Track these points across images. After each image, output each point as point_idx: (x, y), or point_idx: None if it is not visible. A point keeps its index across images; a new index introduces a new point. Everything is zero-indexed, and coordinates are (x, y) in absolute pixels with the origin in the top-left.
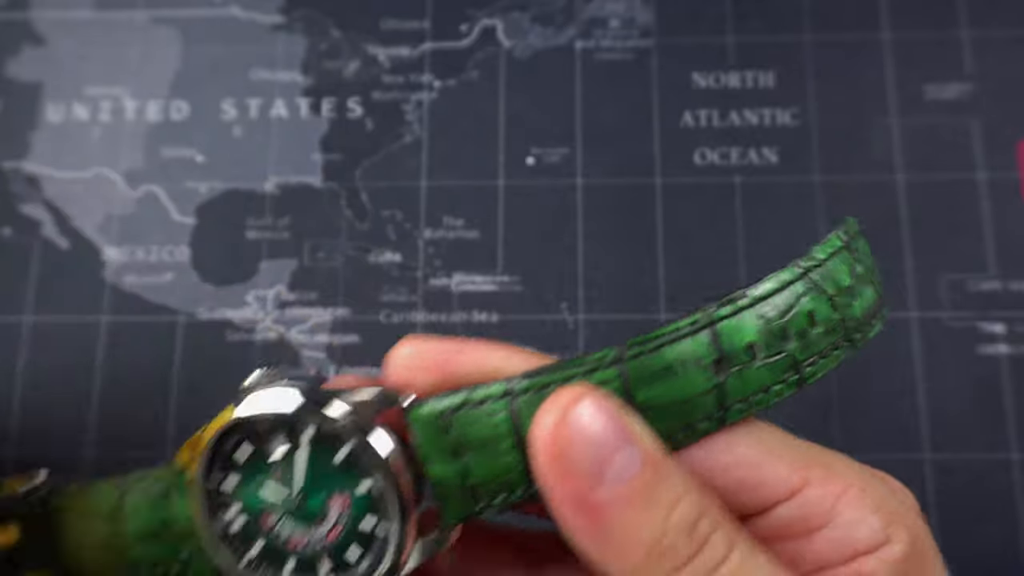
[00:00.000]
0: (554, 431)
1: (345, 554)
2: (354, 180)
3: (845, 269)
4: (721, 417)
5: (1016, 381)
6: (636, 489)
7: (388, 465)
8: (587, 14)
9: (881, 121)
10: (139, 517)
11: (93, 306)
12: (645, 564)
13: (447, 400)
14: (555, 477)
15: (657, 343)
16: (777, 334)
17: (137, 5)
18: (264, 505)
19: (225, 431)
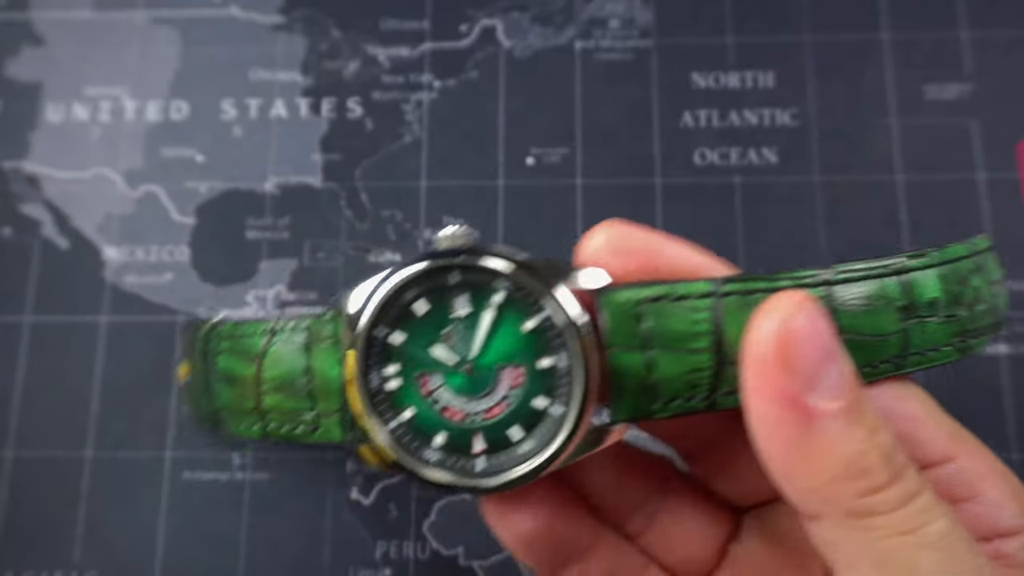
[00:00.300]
0: (778, 328)
1: (505, 432)
2: (354, 180)
3: (994, 266)
4: (899, 364)
5: (1016, 381)
6: (846, 404)
7: (583, 343)
8: (587, 14)
9: (881, 121)
10: (280, 365)
11: (93, 306)
12: (841, 479)
13: (647, 290)
14: (770, 374)
15: (860, 274)
16: (954, 298)
17: (137, 5)
18: (428, 368)
19: (408, 281)
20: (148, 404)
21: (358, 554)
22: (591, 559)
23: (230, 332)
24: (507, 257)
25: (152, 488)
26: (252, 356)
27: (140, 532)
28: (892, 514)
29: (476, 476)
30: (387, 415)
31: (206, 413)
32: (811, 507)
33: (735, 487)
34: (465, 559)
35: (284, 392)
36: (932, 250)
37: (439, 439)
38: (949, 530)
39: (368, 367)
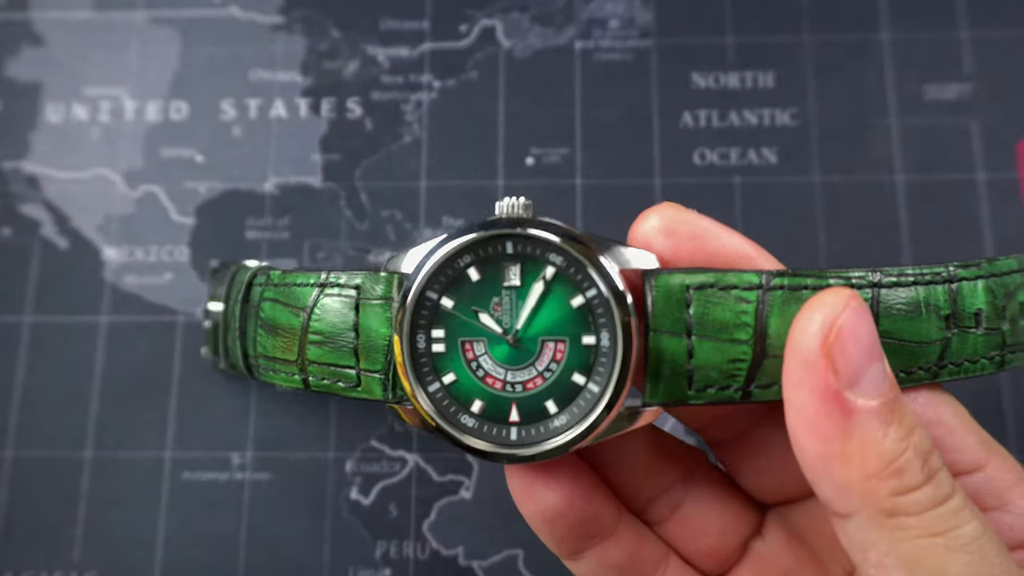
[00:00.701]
0: (825, 323)
1: (541, 405)
2: (354, 180)
3: None
4: (935, 372)
5: (1016, 381)
6: (886, 403)
7: (628, 323)
8: (586, 14)
9: (881, 121)
10: (328, 319)
11: (93, 306)
12: (876, 476)
13: (696, 276)
14: (815, 368)
15: (910, 279)
16: (998, 311)
17: (137, 5)
18: (474, 335)
19: (464, 247)
20: (148, 404)
21: (358, 554)
22: (611, 542)
23: (279, 280)
24: (562, 231)
25: (152, 488)
26: (300, 307)
27: (140, 532)
28: (924, 515)
29: (509, 445)
30: (429, 377)
31: (235, 358)
32: (843, 504)
33: (761, 481)
34: (465, 559)
35: (329, 346)
36: (983, 261)
37: (476, 406)
38: (979, 533)
39: (416, 328)
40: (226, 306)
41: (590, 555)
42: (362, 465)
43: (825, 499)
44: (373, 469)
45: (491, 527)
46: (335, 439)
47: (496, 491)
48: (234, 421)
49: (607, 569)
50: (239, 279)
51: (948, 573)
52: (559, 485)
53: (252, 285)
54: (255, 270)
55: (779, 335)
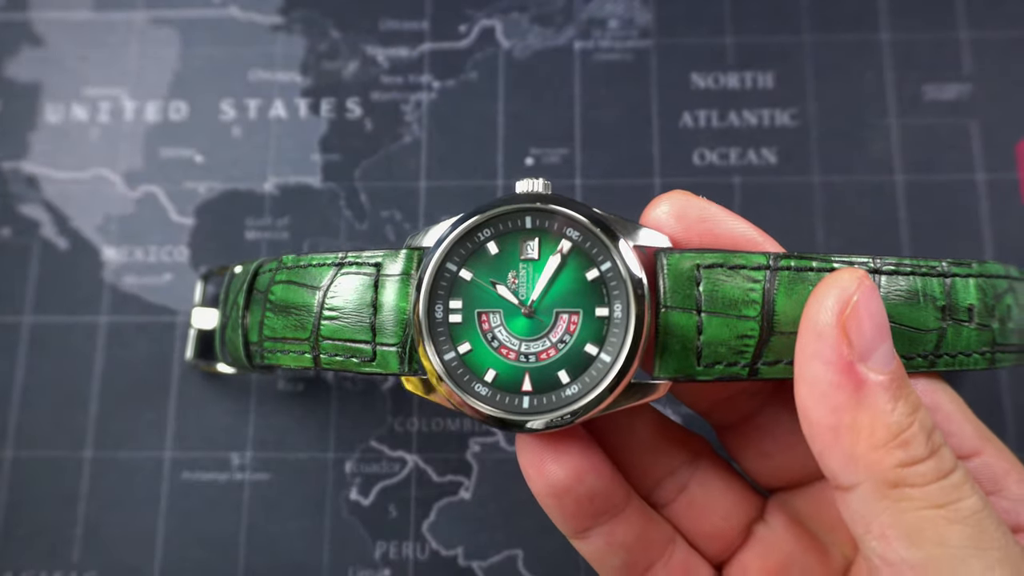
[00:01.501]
0: (841, 299)
1: (554, 375)
2: (353, 180)
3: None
4: (932, 361)
5: (1016, 381)
6: (894, 379)
7: (641, 296)
8: (586, 15)
9: (881, 121)
10: (346, 295)
11: (92, 306)
12: (882, 447)
13: (706, 256)
14: (830, 340)
15: (908, 268)
16: (988, 309)
17: (136, 6)
18: (491, 306)
19: (485, 221)
20: (148, 404)
21: (358, 554)
22: (619, 522)
23: (293, 263)
24: (580, 207)
25: (152, 488)
26: (316, 286)
27: (140, 532)
28: (927, 487)
29: (521, 413)
30: (445, 347)
31: (235, 347)
32: (849, 475)
33: (764, 466)
34: (464, 559)
35: (345, 321)
36: (973, 262)
37: (490, 375)
38: (980, 507)
39: (434, 299)
40: (225, 303)
41: (597, 534)
42: (362, 465)
43: (831, 471)
44: (373, 469)
45: (491, 527)
46: (335, 439)
47: (496, 491)
48: (234, 421)
49: (614, 548)
50: (242, 273)
51: (949, 543)
52: (569, 459)
53: (259, 274)
54: (262, 260)
55: (786, 313)
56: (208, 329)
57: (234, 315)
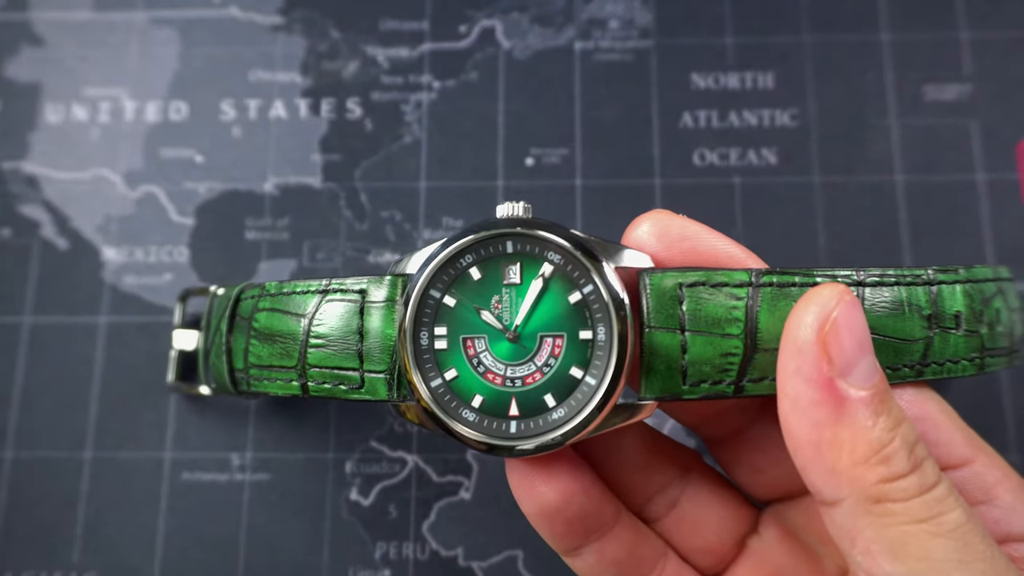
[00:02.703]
0: (821, 315)
1: (540, 399)
2: (353, 180)
3: (1014, 295)
4: (919, 370)
5: (1016, 381)
6: (876, 393)
7: (624, 318)
8: (586, 15)
9: (881, 122)
10: (331, 323)
11: (92, 307)
12: (863, 463)
13: (688, 275)
14: (810, 357)
15: (892, 279)
16: (976, 315)
17: (136, 6)
18: (475, 332)
19: (466, 246)
20: (148, 404)
21: (358, 555)
22: (610, 538)
23: (276, 290)
24: (560, 230)
25: (152, 489)
26: (301, 314)
27: (140, 532)
28: (910, 502)
29: (508, 438)
30: (432, 373)
31: (220, 373)
32: (832, 491)
33: (756, 479)
34: (464, 560)
35: (332, 349)
36: (960, 267)
37: (477, 401)
38: (964, 521)
39: (419, 326)
40: (208, 325)
41: (589, 551)
42: (362, 466)
43: (814, 487)
44: (373, 470)
45: (491, 527)
46: (334, 440)
47: (496, 492)
48: (233, 422)
49: (606, 565)
50: (224, 296)
51: (933, 558)
52: (558, 481)
53: (240, 300)
54: (243, 285)
55: (769, 330)
56: (189, 351)
57: (217, 340)
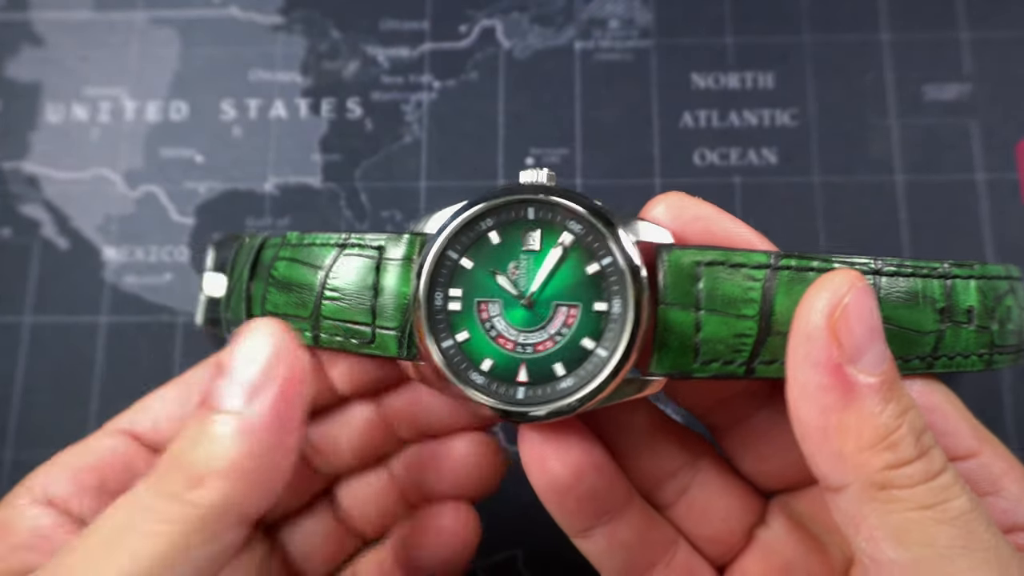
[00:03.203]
0: (831, 301)
1: (549, 367)
2: (353, 180)
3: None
4: (929, 363)
5: (1016, 381)
6: (885, 380)
7: (640, 292)
8: (586, 15)
9: (881, 121)
10: (348, 276)
11: (93, 306)
12: (870, 449)
13: (707, 253)
14: (819, 343)
15: (909, 269)
16: (988, 311)
17: (137, 6)
18: (490, 296)
19: (488, 209)
20: None
21: None
22: (620, 521)
23: (297, 241)
24: (583, 200)
25: None
26: (319, 266)
27: None
28: (914, 488)
29: (515, 403)
30: (443, 334)
31: (238, 320)
32: (838, 476)
33: (762, 468)
34: None
35: (346, 302)
36: (975, 263)
37: (487, 364)
38: (969, 508)
39: (435, 286)
40: (232, 271)
41: (599, 533)
42: None
43: (820, 473)
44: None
45: (491, 527)
46: None
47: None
48: None
49: (616, 548)
50: (248, 245)
51: (936, 544)
52: (571, 456)
53: (264, 248)
54: (267, 235)
55: (784, 313)
56: (217, 297)
57: (239, 287)
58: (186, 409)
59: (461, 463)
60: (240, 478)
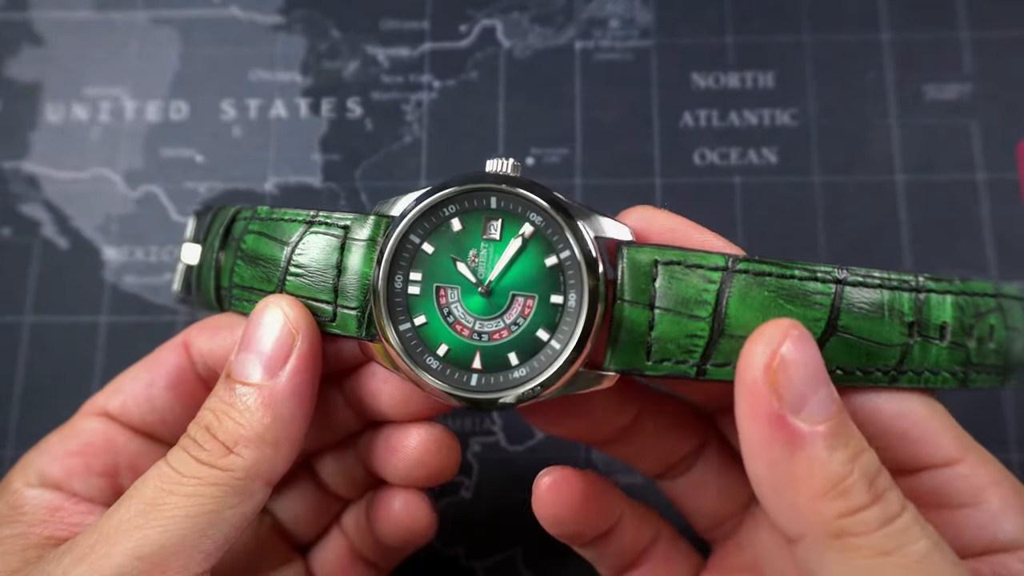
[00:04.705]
0: (768, 354)
1: (504, 356)
2: (354, 180)
3: (1020, 315)
4: (894, 376)
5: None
6: (832, 427)
7: (596, 288)
8: (587, 14)
9: (881, 121)
10: (312, 253)
11: (93, 306)
12: (821, 498)
13: (666, 252)
14: (759, 397)
15: (876, 281)
16: (965, 328)
17: (137, 5)
18: (449, 282)
19: (451, 196)
20: None
21: None
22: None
23: (266, 215)
24: (545, 193)
25: None
26: (285, 241)
27: None
28: (872, 535)
29: (468, 390)
30: (401, 317)
31: (207, 289)
32: (794, 527)
33: None
34: (465, 559)
35: (309, 280)
36: (955, 278)
37: (442, 350)
38: (931, 550)
39: (396, 269)
40: (205, 241)
41: (594, 544)
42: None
43: (778, 524)
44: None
45: (491, 527)
46: None
47: (496, 491)
48: None
49: (609, 552)
50: (221, 215)
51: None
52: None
53: (235, 220)
54: (239, 207)
55: (737, 317)
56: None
57: (210, 256)
58: (152, 390)
59: (411, 456)
60: (267, 444)
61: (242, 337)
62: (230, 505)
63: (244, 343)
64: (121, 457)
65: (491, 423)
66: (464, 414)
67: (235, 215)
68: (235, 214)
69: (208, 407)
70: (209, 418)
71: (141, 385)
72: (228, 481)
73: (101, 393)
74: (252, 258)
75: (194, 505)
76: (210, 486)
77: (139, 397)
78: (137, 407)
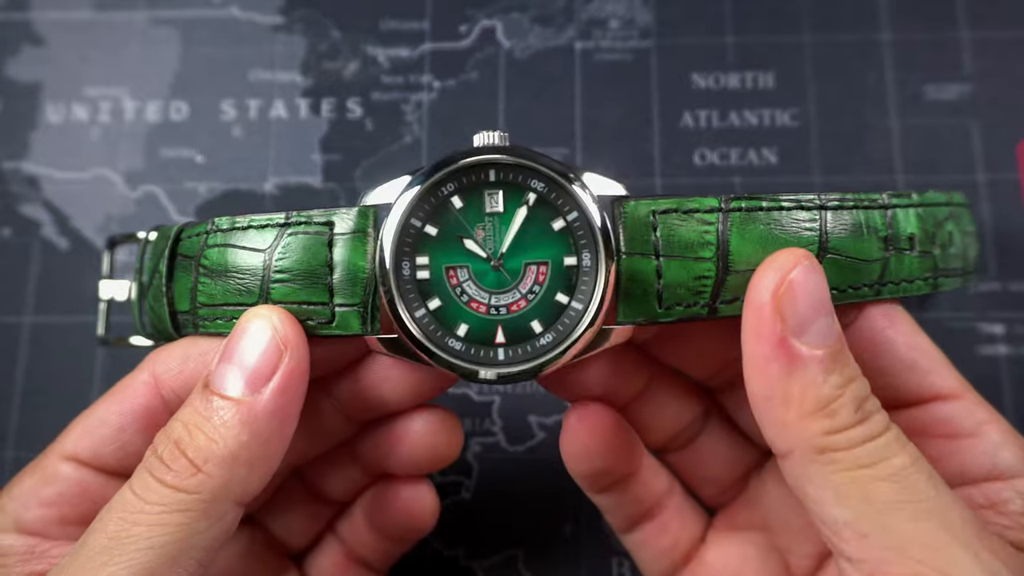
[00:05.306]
0: (778, 278)
1: (526, 325)
2: (354, 180)
3: (969, 219)
4: (878, 290)
5: (1016, 381)
6: (829, 354)
7: (610, 242)
8: (587, 15)
9: (881, 122)
10: (297, 256)
11: (93, 306)
12: (810, 416)
13: (661, 202)
14: (765, 318)
15: (851, 203)
16: (929, 236)
17: (137, 6)
18: (458, 261)
19: (447, 175)
20: None
21: None
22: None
23: (229, 225)
24: (543, 159)
25: None
26: (259, 248)
27: None
28: (853, 450)
29: (496, 365)
30: (415, 304)
31: (160, 317)
32: (782, 442)
33: (753, 426)
34: (465, 560)
35: (298, 283)
36: (912, 192)
37: (462, 329)
38: (908, 464)
39: (401, 256)
40: (140, 269)
41: (612, 492)
42: None
43: (768, 439)
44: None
45: (491, 527)
46: None
47: (496, 491)
48: None
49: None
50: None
51: (875, 500)
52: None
53: (181, 240)
54: (182, 224)
55: (740, 252)
56: (122, 300)
57: (156, 282)
58: (124, 435)
59: (419, 441)
60: (240, 464)
61: (224, 347)
62: (199, 531)
63: (226, 353)
64: (98, 503)
65: (491, 423)
66: (464, 414)
67: (178, 235)
68: (178, 234)
69: (180, 418)
70: (180, 431)
71: (111, 430)
72: (195, 505)
73: (70, 434)
74: (220, 272)
75: (160, 535)
76: (176, 512)
77: (109, 441)
78: (111, 453)
